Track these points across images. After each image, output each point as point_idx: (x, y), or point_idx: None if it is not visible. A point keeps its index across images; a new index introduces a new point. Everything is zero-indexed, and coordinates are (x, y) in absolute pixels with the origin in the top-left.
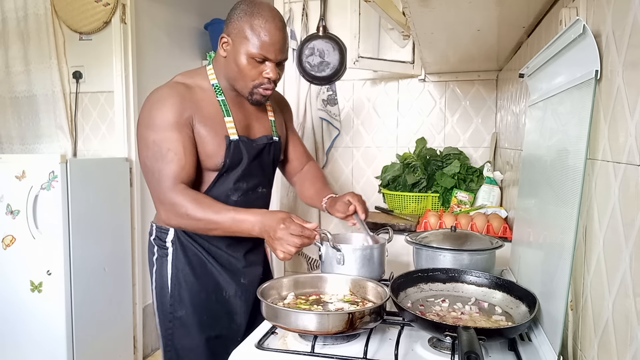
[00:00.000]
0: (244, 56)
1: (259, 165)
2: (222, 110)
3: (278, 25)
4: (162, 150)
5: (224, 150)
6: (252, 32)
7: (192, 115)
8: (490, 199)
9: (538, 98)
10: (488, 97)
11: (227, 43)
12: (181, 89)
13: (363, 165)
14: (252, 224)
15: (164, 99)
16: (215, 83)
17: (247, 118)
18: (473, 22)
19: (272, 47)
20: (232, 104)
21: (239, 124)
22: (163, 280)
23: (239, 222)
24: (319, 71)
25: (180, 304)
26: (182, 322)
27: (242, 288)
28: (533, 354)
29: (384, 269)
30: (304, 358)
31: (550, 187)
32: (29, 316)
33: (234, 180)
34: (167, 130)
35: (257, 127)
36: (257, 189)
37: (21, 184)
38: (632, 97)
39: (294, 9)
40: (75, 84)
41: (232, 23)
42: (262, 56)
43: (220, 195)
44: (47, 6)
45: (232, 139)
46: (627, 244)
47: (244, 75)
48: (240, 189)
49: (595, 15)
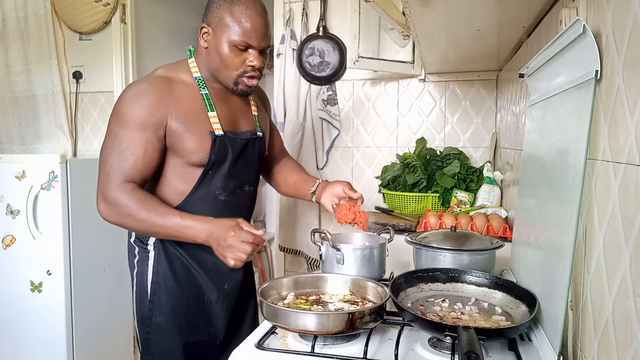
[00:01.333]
0: (226, 45)
1: (245, 161)
2: (205, 105)
3: (259, 11)
4: (122, 146)
5: (209, 145)
6: (233, 20)
7: (166, 114)
8: (490, 199)
9: (538, 98)
10: (488, 97)
11: (208, 33)
12: (161, 84)
13: (363, 165)
14: (198, 231)
15: (139, 94)
16: (198, 76)
17: (232, 112)
18: (473, 22)
19: (254, 34)
20: (216, 98)
21: (223, 119)
22: (143, 284)
23: (184, 228)
24: (319, 71)
25: (159, 310)
26: (160, 327)
27: (224, 294)
28: (533, 354)
29: (384, 269)
30: (304, 358)
31: (550, 187)
32: (29, 316)
33: (221, 178)
34: (133, 128)
35: (242, 121)
36: (245, 187)
37: (21, 184)
38: (632, 97)
39: (294, 9)
40: (75, 84)
41: (211, 12)
42: (245, 43)
43: (208, 194)
44: (47, 6)
45: (217, 134)
46: (627, 244)
47: (227, 64)
48: (228, 188)
49: (595, 15)
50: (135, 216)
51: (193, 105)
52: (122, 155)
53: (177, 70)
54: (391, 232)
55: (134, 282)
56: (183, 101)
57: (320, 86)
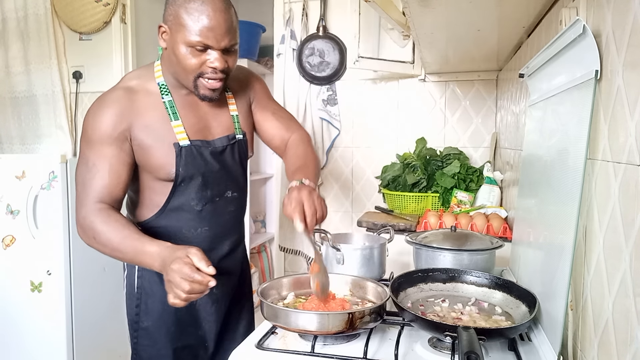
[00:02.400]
0: (182, 45)
1: (222, 169)
2: (168, 114)
3: (218, 6)
4: (89, 164)
5: (174, 159)
6: (189, 17)
7: (129, 126)
8: (490, 199)
9: (538, 98)
10: (488, 97)
11: (166, 32)
12: (121, 96)
13: (363, 165)
14: (153, 259)
15: (101, 109)
16: (161, 82)
17: (202, 119)
18: (473, 22)
19: (211, 33)
20: (183, 105)
21: (191, 128)
22: (131, 288)
23: (141, 254)
24: (319, 71)
25: (146, 315)
26: (147, 332)
27: (213, 298)
28: (533, 354)
29: (384, 269)
30: (304, 358)
31: (550, 187)
32: (29, 316)
33: (195, 189)
34: (98, 144)
35: (215, 126)
36: (226, 194)
37: (21, 184)
38: (632, 97)
39: (294, 9)
40: (75, 84)
41: (167, 9)
42: (202, 44)
43: (184, 205)
44: (47, 6)
45: (182, 145)
46: (627, 244)
47: (184, 66)
48: (204, 198)
49: (595, 15)
50: (97, 239)
51: (156, 116)
52: (89, 173)
53: (143, 76)
54: (391, 232)
55: (124, 285)
56: (145, 112)
57: (320, 86)
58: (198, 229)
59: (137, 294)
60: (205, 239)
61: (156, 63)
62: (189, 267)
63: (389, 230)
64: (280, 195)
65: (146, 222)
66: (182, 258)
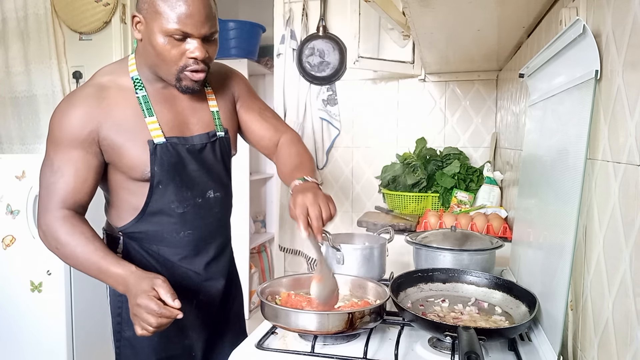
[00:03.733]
0: (160, 35)
1: (201, 168)
2: (141, 110)
3: None
4: (53, 167)
5: (148, 157)
6: (165, 4)
7: (97, 127)
8: (490, 199)
9: (538, 98)
10: (488, 97)
11: (140, 22)
12: (90, 94)
13: (363, 165)
14: (117, 282)
15: (68, 109)
16: (135, 76)
17: (180, 114)
18: (473, 22)
19: (190, 20)
20: (159, 99)
21: (167, 124)
22: (114, 296)
23: (105, 274)
24: (319, 71)
25: (128, 324)
26: (130, 342)
27: (199, 305)
28: (533, 354)
29: (384, 269)
30: (304, 358)
31: (550, 187)
32: (29, 316)
33: (174, 190)
34: (62, 148)
35: (193, 123)
36: (207, 194)
37: (21, 184)
38: (632, 97)
39: (294, 9)
40: (75, 84)
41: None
42: (181, 32)
43: (164, 208)
44: (47, 6)
45: (157, 143)
46: (627, 244)
47: (163, 58)
48: (185, 199)
49: (595, 15)
50: (61, 250)
51: (128, 113)
52: (53, 176)
53: (116, 71)
54: (391, 232)
55: (107, 293)
56: (116, 110)
57: (320, 86)
58: (181, 232)
59: (119, 303)
60: (189, 243)
61: (130, 56)
62: (155, 302)
63: (389, 230)
64: (280, 195)
65: (125, 227)
66: (148, 292)
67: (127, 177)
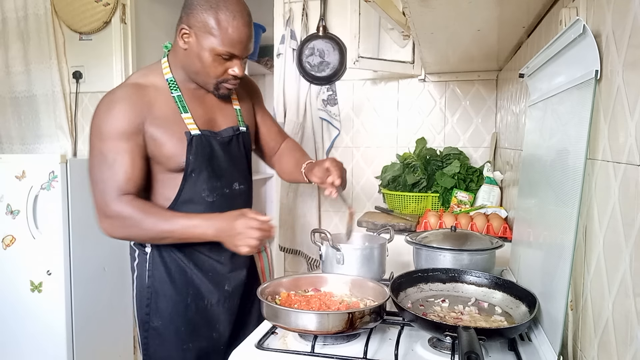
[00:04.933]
0: (209, 52)
1: (229, 159)
2: (178, 107)
3: (246, 21)
4: (109, 160)
5: (184, 148)
6: (219, 28)
7: (143, 120)
8: (490, 199)
9: (538, 98)
10: (488, 97)
11: (189, 35)
12: (132, 91)
13: (363, 165)
14: (206, 227)
15: (112, 105)
16: (169, 78)
17: (209, 111)
18: (473, 22)
19: (240, 45)
20: (191, 98)
21: (199, 119)
22: (142, 288)
23: (191, 228)
24: (319, 71)
25: (156, 314)
26: (157, 332)
27: (225, 295)
28: (533, 354)
29: (384, 269)
30: (304, 358)
31: (550, 187)
32: (29, 316)
33: (205, 180)
34: (115, 139)
35: (220, 119)
36: (233, 186)
37: (21, 184)
38: (632, 97)
39: (294, 9)
40: (75, 84)
41: (194, 14)
42: (229, 53)
43: (195, 197)
44: (47, 6)
45: (193, 134)
46: (627, 244)
47: (208, 72)
48: (215, 189)
49: (595, 15)
50: (140, 226)
51: (166, 109)
52: (111, 169)
53: (150, 74)
54: (391, 232)
55: (134, 286)
56: (156, 106)
57: (320, 86)
58: None
59: (148, 294)
60: None
61: (163, 60)
62: (251, 219)
63: (389, 230)
64: (280, 195)
65: None
66: (241, 215)
67: (164, 168)
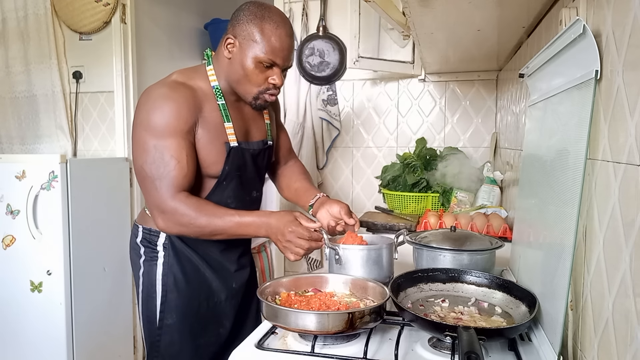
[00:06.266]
0: (252, 60)
1: (255, 170)
2: (222, 115)
3: (288, 32)
4: (165, 157)
5: (224, 157)
6: (263, 37)
7: (195, 120)
8: (490, 199)
9: (538, 98)
10: (488, 97)
11: (233, 45)
12: (185, 91)
13: (363, 165)
14: (258, 227)
15: (165, 100)
16: (215, 85)
17: (246, 123)
18: (473, 22)
19: (281, 53)
20: (232, 108)
21: (238, 130)
22: (152, 285)
23: (244, 226)
24: (319, 71)
25: (170, 311)
26: (171, 329)
27: (232, 292)
28: (533, 354)
29: (392, 271)
30: (304, 358)
31: (550, 187)
32: (29, 316)
33: (233, 188)
34: (170, 136)
35: (254, 131)
36: (252, 193)
37: (21, 184)
38: (632, 97)
39: (294, 9)
40: (75, 84)
41: (240, 25)
42: (271, 61)
43: (220, 202)
44: (47, 6)
45: (232, 146)
46: (627, 244)
47: (249, 79)
48: (239, 197)
49: (595, 15)
50: (195, 223)
51: (213, 115)
52: (167, 166)
53: (194, 77)
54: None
55: (140, 282)
56: (205, 110)
57: (320, 86)
58: None
59: (162, 291)
60: None
61: (208, 67)
62: (303, 228)
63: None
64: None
65: None
66: (293, 221)
67: (201, 172)
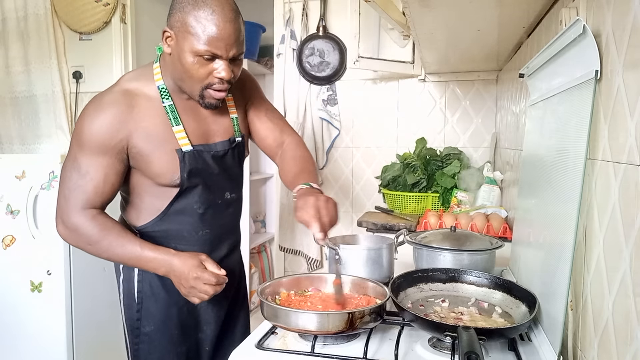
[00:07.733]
0: (190, 54)
1: (222, 172)
2: (169, 119)
3: (228, 16)
4: (81, 169)
5: (178, 165)
6: (197, 25)
7: (127, 136)
8: (490, 199)
9: (538, 98)
10: (488, 97)
11: (171, 38)
12: (120, 101)
13: (363, 165)
14: (159, 264)
15: (98, 114)
16: (161, 85)
17: (203, 123)
18: (473, 22)
19: (221, 42)
20: (184, 109)
21: (192, 133)
22: (130, 292)
23: (144, 260)
24: (319, 71)
25: (148, 319)
26: (150, 337)
27: (213, 300)
28: (533, 354)
29: (392, 271)
30: (304, 358)
31: (550, 187)
32: (29, 316)
33: (198, 193)
34: (92, 152)
35: (215, 130)
36: (225, 196)
37: (21, 184)
38: (632, 97)
39: (294, 9)
40: (75, 84)
41: (174, 15)
42: (210, 53)
43: (186, 209)
44: (47, 6)
45: (185, 151)
46: (627, 244)
47: (190, 75)
48: (207, 201)
49: (595, 15)
50: (95, 246)
51: (156, 121)
52: (81, 179)
53: (141, 79)
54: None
55: (120, 289)
56: (146, 119)
57: (320, 86)
58: (199, 232)
59: (138, 299)
60: (205, 241)
61: (155, 65)
62: (209, 274)
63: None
64: (280, 195)
65: (145, 226)
66: (198, 266)
67: (154, 182)
